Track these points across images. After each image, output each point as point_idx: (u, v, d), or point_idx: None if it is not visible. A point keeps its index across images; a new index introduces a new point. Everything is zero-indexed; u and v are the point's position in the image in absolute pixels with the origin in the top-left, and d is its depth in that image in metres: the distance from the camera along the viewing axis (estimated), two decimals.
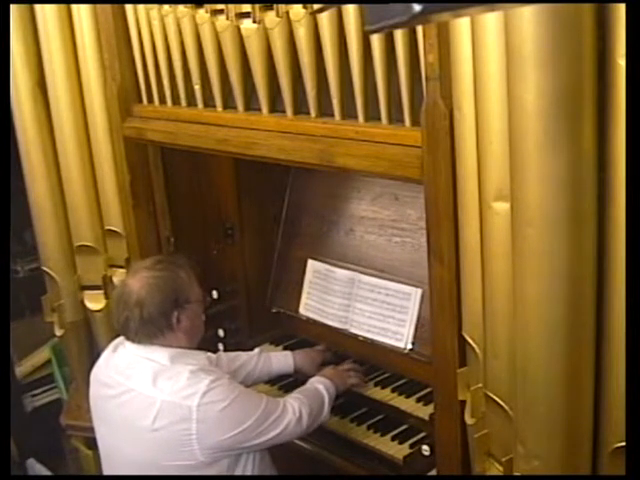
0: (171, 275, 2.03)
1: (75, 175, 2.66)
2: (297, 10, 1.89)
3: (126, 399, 1.98)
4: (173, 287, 2.01)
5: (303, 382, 2.50)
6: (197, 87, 2.29)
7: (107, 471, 2.16)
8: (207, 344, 2.77)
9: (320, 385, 2.21)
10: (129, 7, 2.38)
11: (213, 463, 1.95)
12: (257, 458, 2.07)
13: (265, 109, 2.12)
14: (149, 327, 1.98)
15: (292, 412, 2.04)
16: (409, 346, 2.40)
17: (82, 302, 2.80)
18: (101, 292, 2.76)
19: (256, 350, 2.47)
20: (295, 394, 2.15)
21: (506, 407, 1.61)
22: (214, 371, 2.01)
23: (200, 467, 1.94)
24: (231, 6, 2.04)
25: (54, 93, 2.58)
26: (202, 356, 2.06)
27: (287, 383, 2.55)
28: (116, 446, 2.07)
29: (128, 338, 2.03)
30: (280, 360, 2.47)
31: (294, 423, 2.03)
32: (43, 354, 3.72)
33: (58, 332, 2.89)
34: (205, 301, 2.15)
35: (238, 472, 2.02)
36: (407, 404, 2.37)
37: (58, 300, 2.83)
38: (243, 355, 2.40)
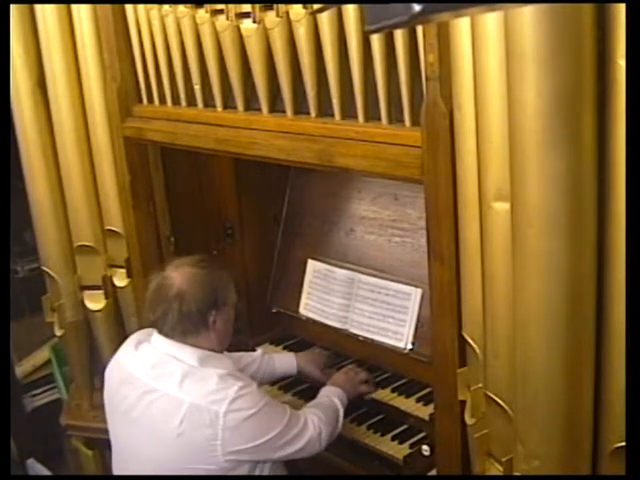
0: (214, 274, 1.99)
1: (75, 175, 2.66)
2: (297, 10, 1.89)
3: (150, 399, 1.93)
4: (215, 286, 1.97)
5: (304, 382, 2.52)
6: (197, 87, 2.28)
7: (118, 468, 2.11)
8: None
9: (336, 399, 2.18)
10: (129, 7, 2.38)
11: (234, 469, 1.92)
12: (273, 465, 2.05)
13: (265, 109, 2.12)
14: (186, 323, 1.94)
15: (313, 428, 2.01)
16: (409, 346, 2.40)
17: (82, 302, 2.80)
18: (101, 292, 2.76)
19: (259, 351, 2.46)
20: (315, 409, 2.11)
21: (506, 407, 1.60)
22: (242, 377, 1.97)
23: (220, 473, 1.91)
24: (231, 6, 2.04)
25: (54, 93, 2.58)
26: (229, 361, 2.03)
27: (287, 384, 2.56)
28: (135, 445, 2.01)
29: (161, 332, 1.98)
30: (283, 362, 2.46)
31: (314, 439, 2.01)
32: (43, 354, 3.71)
33: (58, 332, 2.89)
34: (237, 308, 2.09)
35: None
36: (407, 404, 2.38)
37: (58, 300, 2.83)
38: (247, 356, 2.39)
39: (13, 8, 2.54)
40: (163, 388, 1.92)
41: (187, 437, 1.88)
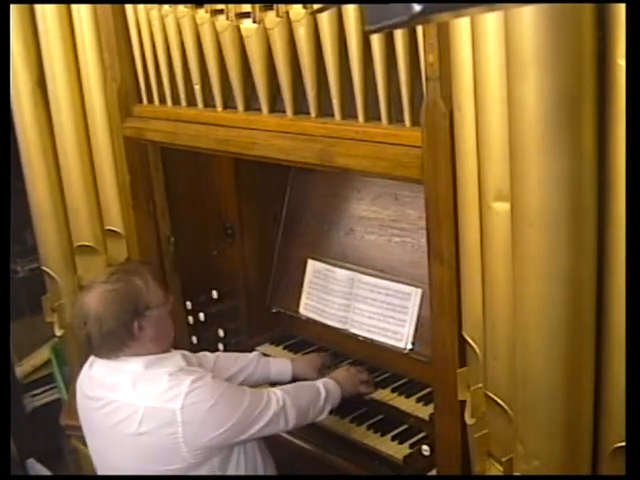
0: (126, 285, 1.97)
1: (75, 175, 2.65)
2: (297, 10, 1.89)
3: (110, 410, 1.96)
4: (129, 297, 1.95)
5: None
6: (197, 87, 2.29)
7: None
8: (207, 344, 2.79)
9: (320, 383, 2.19)
10: (129, 7, 2.38)
11: (203, 462, 1.94)
12: (249, 449, 2.05)
13: (265, 109, 2.12)
14: (111, 341, 1.94)
15: (275, 401, 2.01)
16: (409, 346, 2.40)
17: None
18: None
19: (254, 353, 2.45)
20: (286, 386, 2.15)
21: (506, 407, 1.61)
22: (195, 370, 1.98)
23: (191, 469, 1.93)
24: (231, 6, 2.04)
25: (54, 93, 2.58)
26: (177, 357, 2.02)
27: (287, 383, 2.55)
28: (105, 456, 2.06)
29: (95, 355, 2.01)
30: (278, 368, 2.44)
31: (278, 414, 2.00)
32: (43, 354, 3.72)
33: (58, 332, 2.89)
34: (169, 302, 2.07)
35: (231, 467, 2.01)
36: (407, 404, 2.37)
37: (58, 300, 2.83)
38: (242, 358, 2.38)
39: (13, 8, 2.54)
40: (119, 397, 1.94)
41: (148, 439, 1.89)
